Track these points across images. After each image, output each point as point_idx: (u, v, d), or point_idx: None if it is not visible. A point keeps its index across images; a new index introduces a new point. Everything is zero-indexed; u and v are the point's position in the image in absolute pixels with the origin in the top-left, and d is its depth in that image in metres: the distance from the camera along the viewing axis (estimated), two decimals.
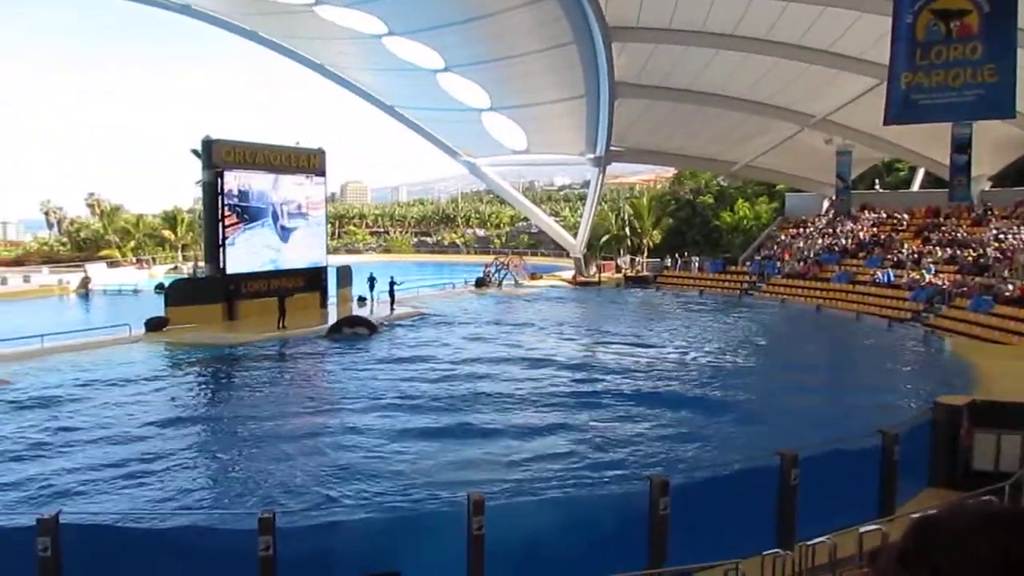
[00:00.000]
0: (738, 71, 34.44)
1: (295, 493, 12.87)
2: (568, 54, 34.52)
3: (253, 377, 22.79)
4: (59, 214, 73.72)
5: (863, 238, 41.36)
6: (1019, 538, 1.05)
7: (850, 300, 35.95)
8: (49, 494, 12.48)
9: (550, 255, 62.57)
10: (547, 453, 15.07)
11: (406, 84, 42.30)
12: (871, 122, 26.66)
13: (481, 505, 9.51)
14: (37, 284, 47.18)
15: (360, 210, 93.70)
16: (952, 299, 31.55)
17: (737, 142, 43.34)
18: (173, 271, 54.56)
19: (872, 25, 25.27)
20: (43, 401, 18.64)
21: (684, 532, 10.22)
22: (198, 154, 31.17)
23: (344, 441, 15.95)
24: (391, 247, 76.62)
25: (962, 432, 13.70)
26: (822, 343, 30.12)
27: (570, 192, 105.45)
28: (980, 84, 15.62)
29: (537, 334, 29.79)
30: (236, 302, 31.42)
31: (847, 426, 14.60)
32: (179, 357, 25.04)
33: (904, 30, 16.29)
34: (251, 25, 39.21)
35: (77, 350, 25.05)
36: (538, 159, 54.29)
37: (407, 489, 12.98)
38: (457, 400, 19.15)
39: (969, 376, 18.68)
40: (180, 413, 18.25)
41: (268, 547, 9.01)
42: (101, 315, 35.76)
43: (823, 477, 11.32)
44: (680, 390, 20.46)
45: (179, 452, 15.08)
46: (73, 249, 64.67)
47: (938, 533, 1.12)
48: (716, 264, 47.47)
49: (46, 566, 8.80)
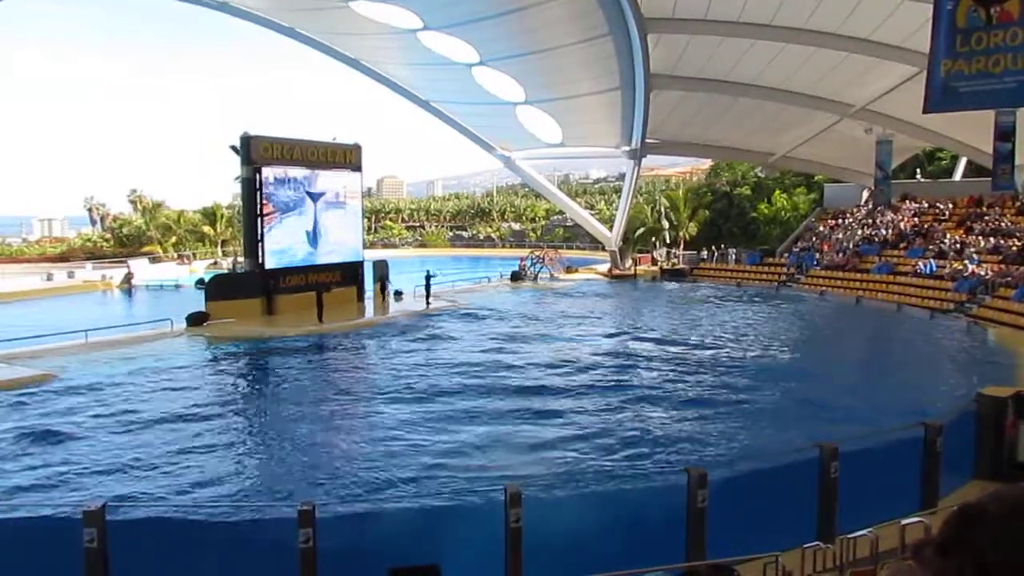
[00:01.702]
0: (775, 61, 34.02)
1: (335, 484, 13.05)
2: (603, 46, 34.34)
3: (293, 369, 23.10)
4: (102, 210, 75.07)
5: (904, 228, 40.68)
6: None
7: (891, 291, 35.45)
8: (92, 484, 12.80)
9: (585, 248, 62.37)
10: (587, 446, 15.10)
11: (441, 78, 42.42)
12: (912, 111, 26.19)
13: (518, 498, 9.56)
14: (81, 280, 48.13)
15: (396, 204, 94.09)
16: (995, 289, 30.93)
17: (774, 133, 42.83)
18: (213, 266, 55.30)
19: (913, 12, 24.84)
20: (88, 394, 19.08)
21: (723, 525, 10.19)
22: (237, 150, 31.54)
23: (384, 433, 16.13)
24: (427, 241, 76.89)
25: (1007, 424, 13.47)
26: (863, 335, 29.75)
27: (605, 185, 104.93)
28: (1021, 70, 15.32)
29: (576, 328, 29.78)
30: (275, 296, 31.81)
31: (890, 418, 14.43)
32: (220, 351, 25.47)
33: (944, 17, 16.03)
34: (288, 22, 39.57)
35: (120, 345, 25.55)
36: (573, 152, 54.12)
37: (447, 481, 13.09)
38: (495, 393, 19.25)
39: (1014, 367, 18.36)
40: (222, 407, 18.56)
41: (308, 539, 9.13)
42: (143, 310, 36.44)
43: (865, 469, 11.22)
44: (721, 383, 20.35)
45: (221, 444, 15.37)
46: (116, 245, 65.82)
47: (979, 520, 1.13)
48: (753, 256, 47.00)
49: (91, 557, 8.99)
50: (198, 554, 9.75)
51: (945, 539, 1.16)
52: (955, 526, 1.15)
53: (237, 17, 39.18)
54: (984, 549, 1.10)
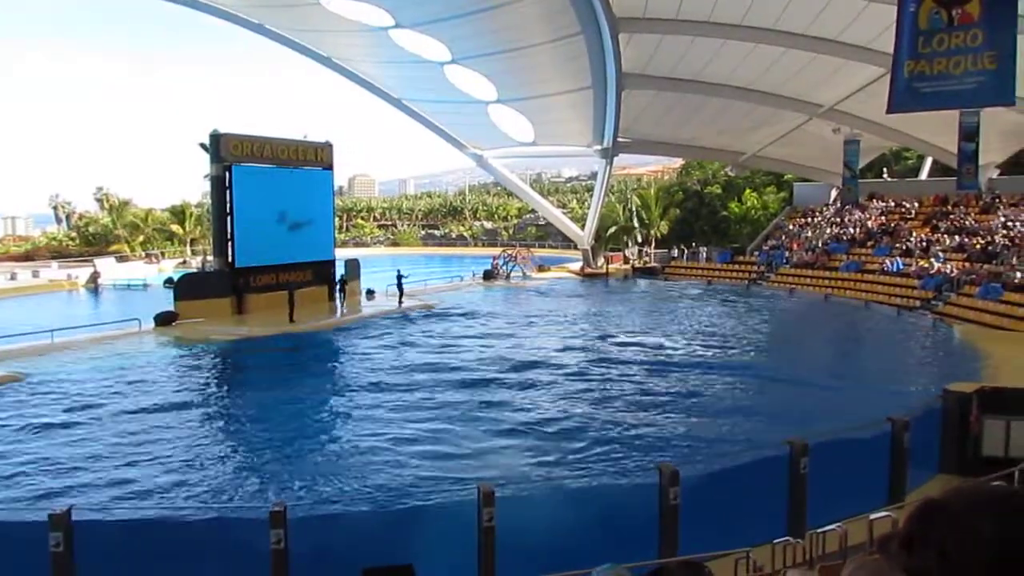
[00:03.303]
0: (746, 61, 34.29)
1: (306, 485, 12.97)
2: (575, 45, 34.40)
3: (263, 370, 22.92)
4: (68, 208, 73.97)
5: (871, 227, 41.27)
6: (1017, 514, 1.10)
7: (859, 289, 35.92)
8: (60, 487, 12.62)
9: (558, 247, 62.51)
10: (558, 444, 15.13)
11: (413, 77, 42.24)
12: (878, 111, 26.45)
13: (491, 497, 9.57)
14: (46, 279, 47.35)
15: (368, 203, 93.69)
16: (961, 287, 31.47)
17: (745, 132, 43.18)
18: (182, 265, 54.71)
19: (879, 14, 25.15)
20: (55, 396, 18.79)
21: (695, 521, 10.27)
22: (206, 148, 31.21)
23: (354, 433, 16.06)
24: (399, 240, 76.65)
25: (972, 419, 13.73)
26: (831, 332, 30.09)
27: (577, 184, 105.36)
28: (980, 71, 15.59)
29: (548, 326, 29.85)
30: (245, 296, 31.53)
31: (857, 414, 14.62)
32: (189, 351, 25.16)
33: (907, 18, 16.27)
34: (258, 18, 39.17)
35: (87, 346, 25.18)
36: (545, 151, 54.17)
37: (419, 481, 13.06)
38: (465, 391, 19.25)
39: (978, 363, 18.68)
40: (190, 409, 18.34)
41: (280, 540, 9.07)
42: (110, 310, 35.92)
43: (833, 465, 11.36)
44: (689, 380, 20.49)
45: (189, 446, 15.21)
46: (82, 244, 64.87)
47: (941, 514, 1.16)
48: (724, 254, 47.38)
49: (58, 561, 8.86)
50: (167, 556, 9.65)
51: (909, 533, 1.19)
52: (918, 520, 1.19)
53: (205, 12, 38.71)
54: (944, 541, 1.13)
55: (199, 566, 9.69)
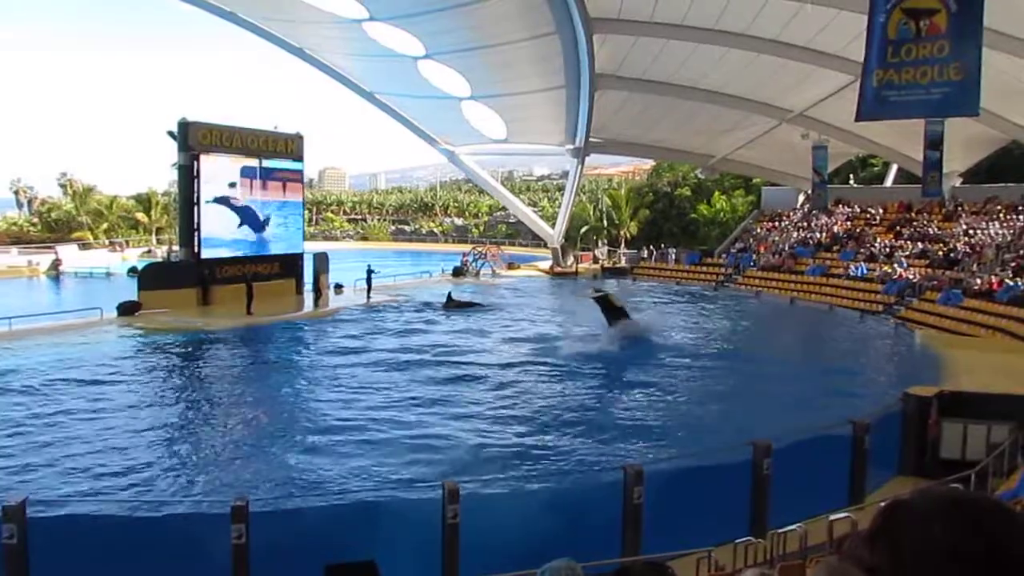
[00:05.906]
0: (718, 65, 34.57)
1: (269, 480, 12.84)
2: (549, 44, 34.44)
3: (222, 362, 22.67)
4: (30, 193, 72.32)
5: (837, 232, 41.83)
6: (973, 526, 1.12)
7: (824, 293, 36.38)
8: (16, 481, 12.36)
9: (528, 245, 62.56)
10: (522, 443, 15.13)
11: (386, 70, 42.02)
12: (846, 118, 26.85)
13: (456, 494, 9.56)
14: (5, 265, 46.37)
15: (338, 197, 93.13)
16: (923, 292, 32.03)
17: (715, 135, 43.54)
18: (147, 255, 53.95)
19: (849, 22, 25.44)
20: (12, 385, 18.41)
21: (658, 521, 10.33)
22: (174, 136, 30.79)
23: (315, 427, 15.92)
24: (368, 235, 76.25)
25: (931, 422, 13.97)
26: (795, 334, 30.43)
27: (549, 182, 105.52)
28: (946, 82, 15.86)
29: (514, 323, 29.87)
30: (210, 287, 31.15)
31: (819, 416, 14.80)
32: (151, 342, 24.76)
33: (877, 28, 16.50)
34: (230, 6, 38.67)
35: (46, 334, 24.72)
36: (517, 149, 54.19)
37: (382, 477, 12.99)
38: (429, 386, 19.19)
39: (938, 368, 19.00)
40: (150, 399, 18.07)
41: (240, 535, 8.98)
42: (72, 298, 35.31)
43: (795, 466, 11.49)
44: (652, 379, 20.58)
45: (149, 439, 14.98)
46: (44, 230, 63.59)
47: (903, 513, 1.19)
48: (692, 256, 47.71)
49: (11, 554, 8.70)
50: (125, 551, 9.50)
51: (872, 531, 1.21)
52: (882, 519, 1.21)
53: None
54: (899, 541, 1.15)
55: (157, 562, 9.55)
